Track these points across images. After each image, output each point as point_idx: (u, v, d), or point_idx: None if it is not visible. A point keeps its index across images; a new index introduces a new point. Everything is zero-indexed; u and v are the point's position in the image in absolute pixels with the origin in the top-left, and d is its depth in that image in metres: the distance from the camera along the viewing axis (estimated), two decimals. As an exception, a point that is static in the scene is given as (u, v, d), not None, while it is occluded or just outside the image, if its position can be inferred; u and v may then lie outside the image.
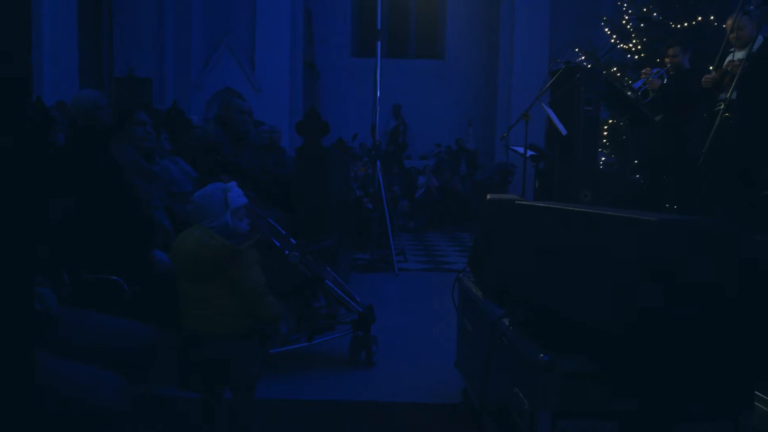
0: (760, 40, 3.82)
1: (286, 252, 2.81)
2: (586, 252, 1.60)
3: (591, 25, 9.27)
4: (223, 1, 11.18)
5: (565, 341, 1.61)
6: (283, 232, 2.99)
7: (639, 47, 7.56)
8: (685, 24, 7.04)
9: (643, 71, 5.14)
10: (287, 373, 2.89)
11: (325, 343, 3.07)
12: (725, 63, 4.09)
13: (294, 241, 2.97)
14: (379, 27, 6.50)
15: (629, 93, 5.45)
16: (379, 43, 6.42)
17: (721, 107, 3.21)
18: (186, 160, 3.56)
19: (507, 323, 1.89)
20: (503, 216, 2.29)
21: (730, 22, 4.05)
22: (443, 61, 13.69)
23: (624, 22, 7.97)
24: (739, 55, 3.98)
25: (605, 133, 7.95)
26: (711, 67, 4.24)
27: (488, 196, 2.62)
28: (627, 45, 7.70)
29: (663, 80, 4.90)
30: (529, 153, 5.47)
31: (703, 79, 4.19)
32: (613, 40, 7.77)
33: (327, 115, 12.59)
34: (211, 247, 2.01)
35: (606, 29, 8.20)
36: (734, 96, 3.24)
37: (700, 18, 6.99)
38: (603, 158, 8.41)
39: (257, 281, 2.08)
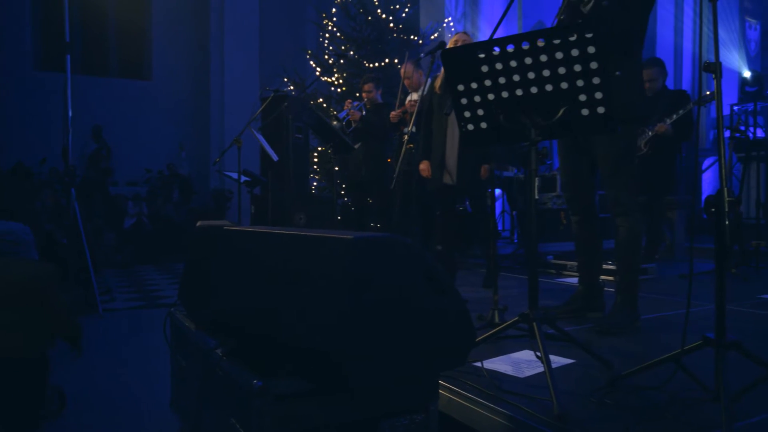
0: (428, 83, 4.56)
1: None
2: (291, 273, 1.64)
3: (298, 57, 9.82)
4: None
5: (281, 365, 1.62)
6: None
7: (341, 81, 8.30)
8: (377, 64, 8.01)
9: (346, 103, 5.65)
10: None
11: None
12: (405, 102, 4.79)
13: None
14: (68, 39, 5.77)
15: (335, 122, 5.90)
16: (68, 57, 5.70)
17: (406, 139, 3.72)
18: None
19: (220, 353, 1.82)
20: (213, 243, 2.22)
21: (402, 69, 4.79)
22: (150, 81, 12.89)
23: (326, 57, 8.67)
24: (415, 96, 4.74)
25: (315, 160, 8.48)
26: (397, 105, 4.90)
27: (198, 223, 2.52)
28: (330, 78, 8.38)
29: (362, 112, 5.46)
30: (244, 179, 5.48)
31: (390, 115, 4.82)
32: (318, 73, 8.38)
33: (3, 136, 10.63)
34: (39, 278, 2.15)
35: (311, 62, 8.80)
36: (414, 129, 3.78)
37: (387, 60, 8.03)
38: (315, 183, 8.95)
39: (66, 303, 2.29)
